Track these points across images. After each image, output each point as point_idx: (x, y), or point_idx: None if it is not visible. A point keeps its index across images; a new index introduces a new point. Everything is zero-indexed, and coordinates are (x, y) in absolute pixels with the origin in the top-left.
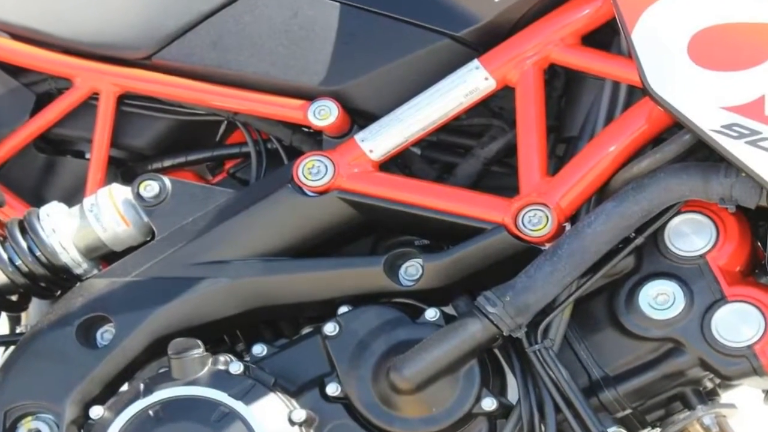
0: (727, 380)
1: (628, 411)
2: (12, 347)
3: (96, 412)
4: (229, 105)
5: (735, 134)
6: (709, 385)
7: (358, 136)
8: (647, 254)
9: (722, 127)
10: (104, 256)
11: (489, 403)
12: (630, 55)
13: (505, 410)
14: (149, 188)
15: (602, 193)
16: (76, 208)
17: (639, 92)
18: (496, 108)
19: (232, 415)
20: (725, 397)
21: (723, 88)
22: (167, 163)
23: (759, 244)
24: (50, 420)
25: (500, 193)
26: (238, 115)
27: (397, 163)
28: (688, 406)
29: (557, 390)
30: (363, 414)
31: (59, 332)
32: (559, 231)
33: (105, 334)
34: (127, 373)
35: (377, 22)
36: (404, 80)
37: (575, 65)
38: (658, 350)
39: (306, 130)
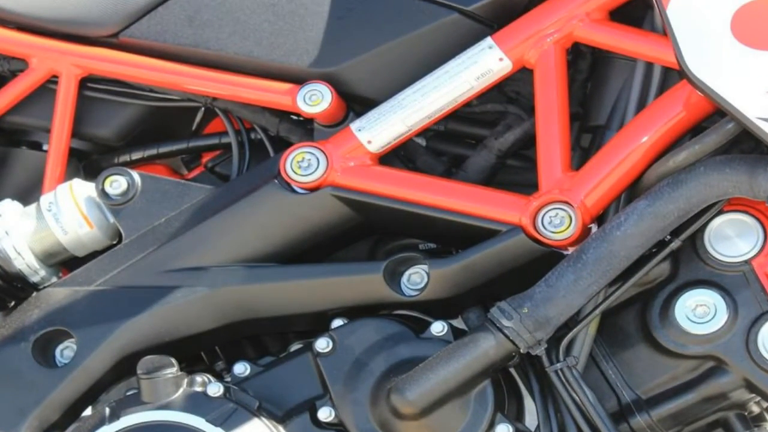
0: None
1: None
2: None
3: None
4: (207, 89)
5: None
6: (756, 409)
7: (355, 125)
8: (685, 260)
9: None
10: (65, 262)
11: (504, 430)
12: (665, 32)
13: None
14: (116, 184)
15: (633, 190)
16: (32, 207)
17: (675, 75)
18: (512, 93)
19: None
20: None
21: None
22: (136, 155)
23: None
24: None
25: (517, 189)
26: (218, 100)
27: (399, 155)
28: None
29: (582, 415)
30: None
31: (13, 349)
32: (584, 233)
33: (65, 351)
34: (91, 395)
35: None
36: (407, 61)
37: (602, 44)
38: (697, 369)
39: (295, 117)
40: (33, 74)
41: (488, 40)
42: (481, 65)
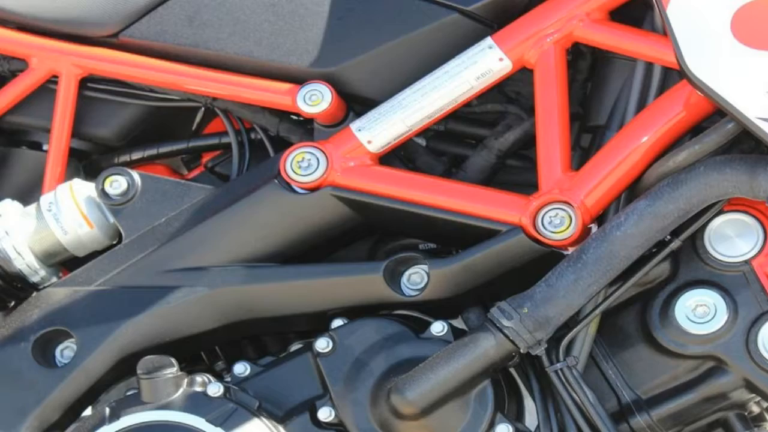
0: None
1: None
2: None
3: None
4: (207, 89)
5: None
6: (756, 409)
7: (355, 125)
8: (685, 260)
9: None
10: (64, 262)
11: (504, 430)
12: (665, 32)
13: None
14: (116, 184)
15: (633, 190)
16: (32, 207)
17: (675, 75)
18: (512, 93)
19: None
20: None
21: None
22: (136, 155)
23: None
24: None
25: (517, 189)
26: (218, 100)
27: (399, 155)
28: None
29: (582, 415)
30: None
31: (13, 349)
32: (584, 233)
33: (65, 351)
34: (91, 395)
35: None
36: (407, 61)
37: (602, 44)
38: (697, 369)
39: (295, 117)
40: (33, 74)
41: (488, 40)
42: (481, 65)
